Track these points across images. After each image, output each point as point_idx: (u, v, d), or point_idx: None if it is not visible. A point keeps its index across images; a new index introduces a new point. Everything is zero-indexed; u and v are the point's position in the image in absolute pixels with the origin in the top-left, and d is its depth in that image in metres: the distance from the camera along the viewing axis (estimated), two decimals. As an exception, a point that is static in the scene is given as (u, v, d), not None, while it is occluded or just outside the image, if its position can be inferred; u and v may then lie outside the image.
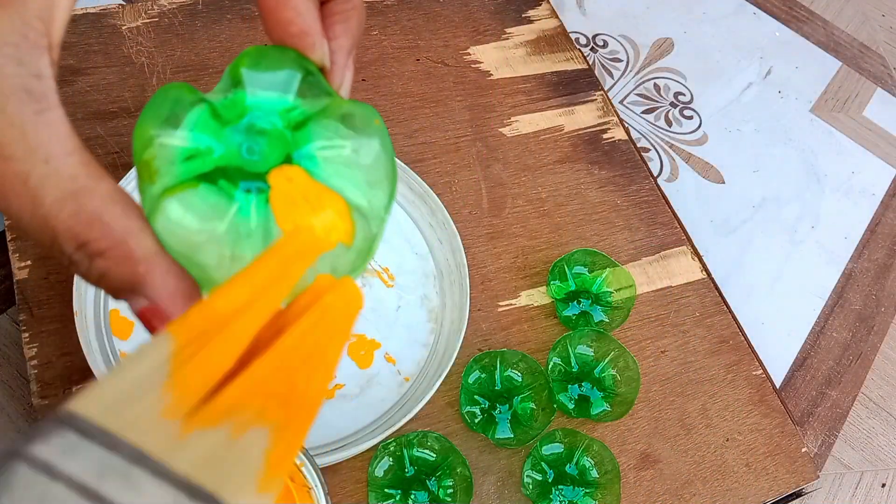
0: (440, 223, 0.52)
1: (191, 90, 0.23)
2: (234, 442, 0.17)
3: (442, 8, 0.66)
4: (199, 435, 0.17)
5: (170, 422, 0.17)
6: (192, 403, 0.17)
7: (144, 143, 0.22)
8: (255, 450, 0.17)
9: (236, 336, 0.19)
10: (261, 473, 0.17)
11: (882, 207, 0.72)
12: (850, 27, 0.86)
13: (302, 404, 0.19)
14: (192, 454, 0.16)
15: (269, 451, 0.18)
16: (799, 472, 0.51)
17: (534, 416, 0.47)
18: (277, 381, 0.19)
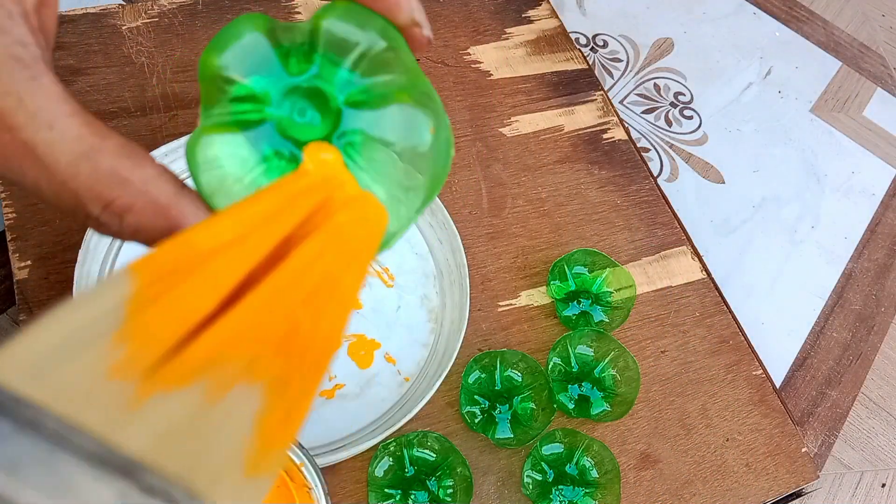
0: (440, 223, 0.52)
1: (267, 23, 0.22)
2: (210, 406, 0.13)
3: (442, 8, 0.66)
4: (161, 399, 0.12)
5: (120, 384, 0.12)
6: (154, 358, 0.13)
7: (209, 69, 0.22)
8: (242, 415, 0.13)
9: (218, 274, 0.14)
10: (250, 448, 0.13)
11: (882, 207, 0.72)
12: (850, 27, 0.86)
13: (308, 350, 0.15)
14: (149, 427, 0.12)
15: (261, 414, 0.13)
16: (799, 472, 0.51)
17: (534, 416, 0.47)
18: (273, 322, 0.14)
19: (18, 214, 0.48)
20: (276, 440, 0.13)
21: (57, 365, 0.12)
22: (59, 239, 0.48)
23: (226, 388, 0.13)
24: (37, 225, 0.48)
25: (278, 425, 0.13)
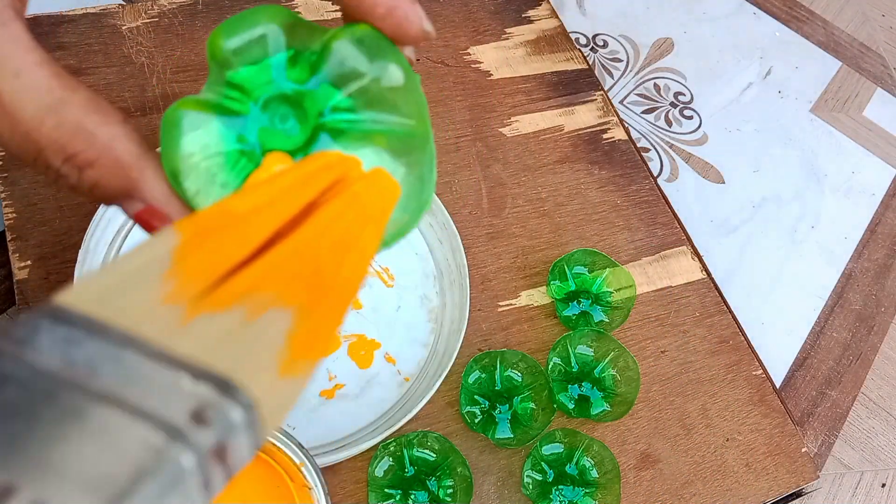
0: (440, 223, 0.52)
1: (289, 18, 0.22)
2: (248, 324, 0.15)
3: (442, 8, 0.66)
4: (206, 319, 0.15)
5: (171, 307, 0.15)
6: (199, 290, 0.15)
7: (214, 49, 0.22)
8: (275, 330, 0.16)
9: (252, 228, 0.17)
10: (283, 354, 0.15)
11: (882, 207, 0.72)
12: (850, 27, 0.86)
13: (331, 287, 0.17)
14: (196, 337, 0.15)
15: (291, 331, 0.16)
16: (799, 472, 0.51)
17: (534, 416, 0.47)
18: (301, 264, 0.17)
19: (18, 214, 0.48)
20: (304, 352, 0.16)
21: (117, 295, 0.15)
22: (59, 239, 0.48)
23: (261, 311, 0.16)
24: (37, 225, 0.48)
25: (306, 341, 0.16)
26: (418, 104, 0.23)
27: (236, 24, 0.21)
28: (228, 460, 0.14)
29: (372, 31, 0.22)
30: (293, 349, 0.16)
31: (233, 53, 0.21)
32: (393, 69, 0.22)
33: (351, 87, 0.22)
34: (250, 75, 0.22)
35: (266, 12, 0.22)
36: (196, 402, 0.14)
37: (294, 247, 0.17)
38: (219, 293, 0.15)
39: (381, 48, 0.22)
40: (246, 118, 0.22)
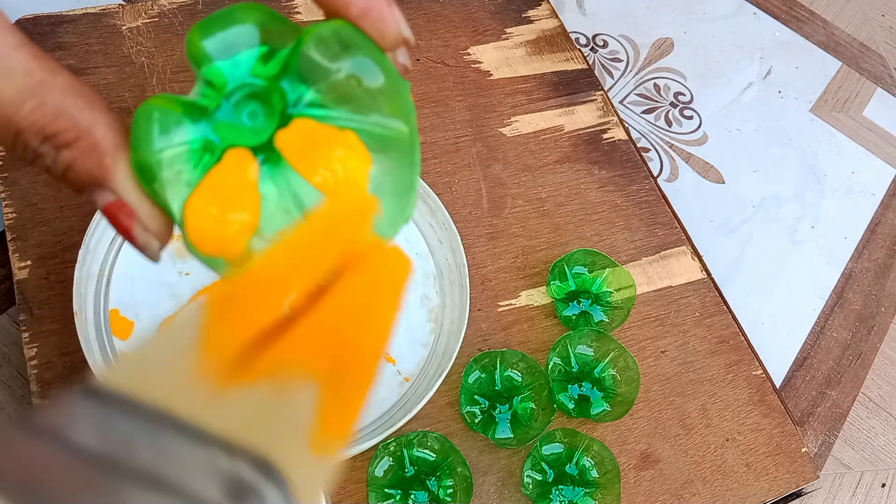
0: (440, 223, 0.52)
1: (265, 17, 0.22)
2: (278, 398, 0.16)
3: (442, 8, 0.66)
4: (237, 393, 0.15)
5: (203, 383, 0.15)
6: (229, 364, 0.16)
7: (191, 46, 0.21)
8: (304, 405, 0.16)
9: (276, 297, 0.17)
10: (313, 432, 0.16)
11: (882, 207, 0.72)
12: (850, 27, 0.86)
13: (354, 359, 0.18)
14: (229, 412, 0.15)
15: (320, 406, 0.16)
16: (799, 472, 0.51)
17: (534, 416, 0.47)
18: (324, 338, 0.17)
19: (18, 214, 0.48)
20: (334, 428, 0.16)
21: (150, 372, 0.15)
22: (59, 239, 0.48)
23: (289, 385, 0.16)
24: (37, 225, 0.48)
25: (334, 416, 0.16)
26: (403, 110, 0.22)
27: (213, 22, 0.21)
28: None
29: (348, 28, 0.22)
30: (323, 425, 0.16)
31: (208, 50, 0.21)
32: (368, 66, 0.22)
33: (321, 83, 0.22)
34: (223, 71, 0.22)
35: (243, 10, 0.22)
36: (232, 479, 0.14)
37: (318, 320, 0.17)
38: (247, 367, 0.16)
39: (357, 45, 0.22)
40: (215, 114, 0.22)
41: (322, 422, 0.16)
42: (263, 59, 0.22)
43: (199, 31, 0.21)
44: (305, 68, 0.22)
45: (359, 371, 0.18)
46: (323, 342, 0.17)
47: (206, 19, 0.22)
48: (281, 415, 0.16)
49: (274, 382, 0.16)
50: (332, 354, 0.17)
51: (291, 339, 0.17)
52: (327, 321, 0.18)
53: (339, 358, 0.17)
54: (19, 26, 0.54)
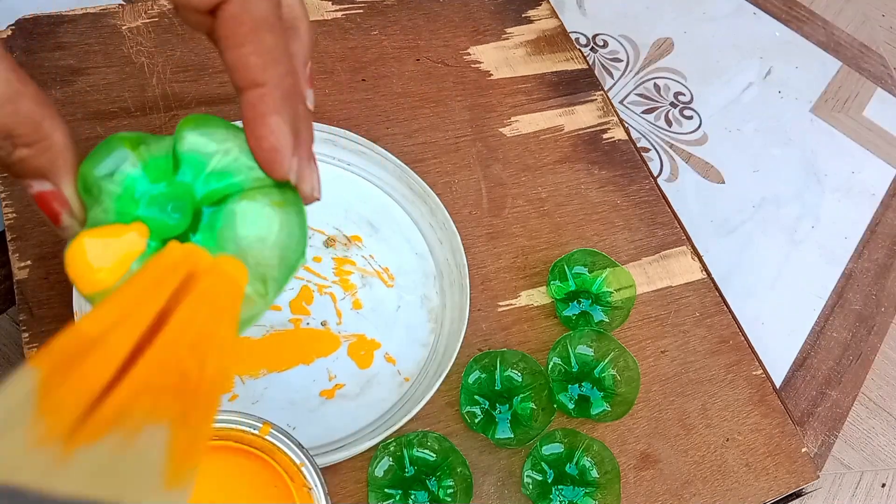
0: (440, 223, 0.52)
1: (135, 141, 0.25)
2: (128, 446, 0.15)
3: (442, 8, 0.66)
4: (84, 451, 0.15)
5: (45, 449, 0.14)
6: (71, 424, 0.15)
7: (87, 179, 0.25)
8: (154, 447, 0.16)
9: (110, 349, 0.17)
10: (166, 469, 0.16)
11: (882, 207, 0.72)
12: (850, 27, 0.86)
13: (198, 391, 0.18)
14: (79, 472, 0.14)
15: (170, 444, 0.16)
16: (799, 472, 0.51)
17: (534, 416, 0.47)
18: (165, 375, 0.17)
19: (18, 214, 0.48)
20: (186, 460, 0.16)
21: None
22: (59, 239, 0.48)
23: (137, 431, 0.16)
24: (37, 225, 0.48)
25: (185, 449, 0.16)
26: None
27: (97, 155, 0.25)
28: None
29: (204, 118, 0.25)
30: (174, 461, 0.16)
31: (103, 179, 0.24)
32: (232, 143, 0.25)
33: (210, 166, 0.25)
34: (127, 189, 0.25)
35: (116, 138, 0.25)
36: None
37: (156, 358, 0.17)
38: (91, 423, 0.15)
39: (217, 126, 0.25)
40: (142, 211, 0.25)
41: (174, 458, 0.16)
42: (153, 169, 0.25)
43: (88, 164, 0.25)
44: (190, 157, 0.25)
45: (205, 401, 0.18)
46: (164, 381, 0.17)
47: (91, 154, 0.25)
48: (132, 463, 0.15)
49: (121, 433, 0.15)
50: (175, 390, 0.17)
51: (132, 381, 0.17)
52: (166, 356, 0.18)
53: (183, 390, 0.17)
54: (19, 26, 0.55)
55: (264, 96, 0.24)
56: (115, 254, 0.24)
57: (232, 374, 0.22)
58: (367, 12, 0.63)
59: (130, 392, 0.16)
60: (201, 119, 0.25)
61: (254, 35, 0.23)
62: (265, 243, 0.25)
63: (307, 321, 0.48)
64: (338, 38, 0.61)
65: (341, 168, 0.54)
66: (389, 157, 0.52)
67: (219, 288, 0.22)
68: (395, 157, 0.53)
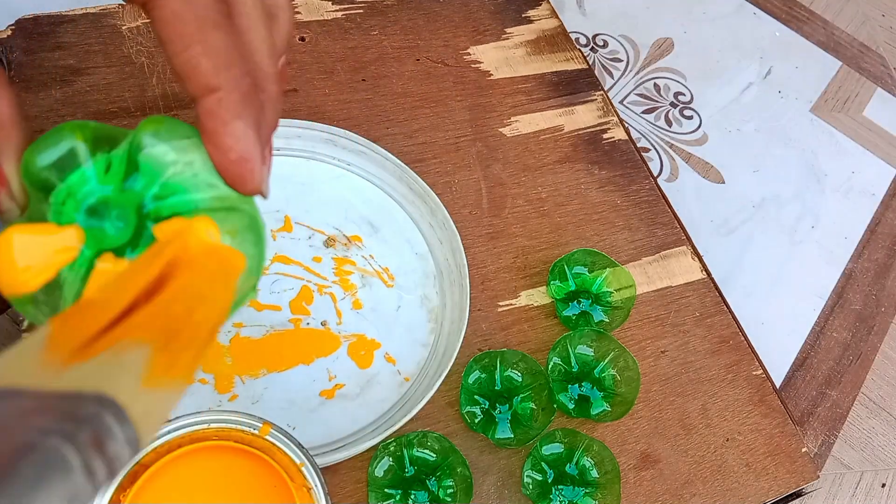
0: (440, 223, 0.52)
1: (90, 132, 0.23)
2: (113, 359, 0.18)
3: (442, 8, 0.66)
4: (78, 366, 0.17)
5: (49, 366, 0.17)
6: (70, 353, 0.18)
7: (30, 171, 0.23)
8: (136, 360, 0.18)
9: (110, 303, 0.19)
10: (144, 375, 0.18)
11: (882, 207, 0.72)
12: (850, 27, 0.86)
13: (184, 329, 0.20)
14: (70, 378, 0.17)
15: (151, 359, 0.18)
16: (799, 472, 0.51)
17: (534, 416, 0.47)
18: (156, 318, 0.19)
19: (18, 214, 0.48)
20: (164, 371, 0.18)
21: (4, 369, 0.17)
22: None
23: (123, 350, 0.18)
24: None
25: (165, 363, 0.18)
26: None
27: (44, 145, 0.23)
28: (107, 452, 0.16)
29: (167, 121, 0.23)
30: (153, 371, 0.18)
31: (47, 170, 0.22)
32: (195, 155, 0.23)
33: (164, 177, 0.23)
34: (71, 187, 0.23)
35: (67, 129, 0.23)
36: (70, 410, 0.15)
37: (150, 309, 0.19)
38: (87, 350, 0.18)
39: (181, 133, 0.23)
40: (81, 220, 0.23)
41: (152, 367, 0.18)
42: (104, 167, 0.23)
43: (32, 154, 0.23)
44: (145, 164, 0.23)
45: (188, 335, 0.20)
46: (154, 321, 0.19)
47: (36, 142, 0.23)
48: (114, 368, 0.17)
49: (109, 353, 0.18)
50: (162, 327, 0.19)
51: (125, 324, 0.19)
52: (159, 307, 0.20)
53: (169, 328, 0.19)
54: (19, 26, 0.55)
55: (222, 101, 0.22)
56: (44, 256, 0.22)
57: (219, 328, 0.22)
58: (367, 12, 0.63)
59: (123, 329, 0.19)
60: (167, 122, 0.23)
61: (200, 34, 0.21)
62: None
63: (307, 321, 0.48)
64: (338, 38, 0.61)
65: (341, 168, 0.54)
66: (389, 157, 0.52)
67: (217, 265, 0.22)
68: (395, 157, 0.53)
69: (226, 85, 0.22)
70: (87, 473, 0.15)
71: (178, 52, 0.21)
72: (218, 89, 0.22)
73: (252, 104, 0.22)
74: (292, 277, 0.49)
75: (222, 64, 0.21)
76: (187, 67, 0.21)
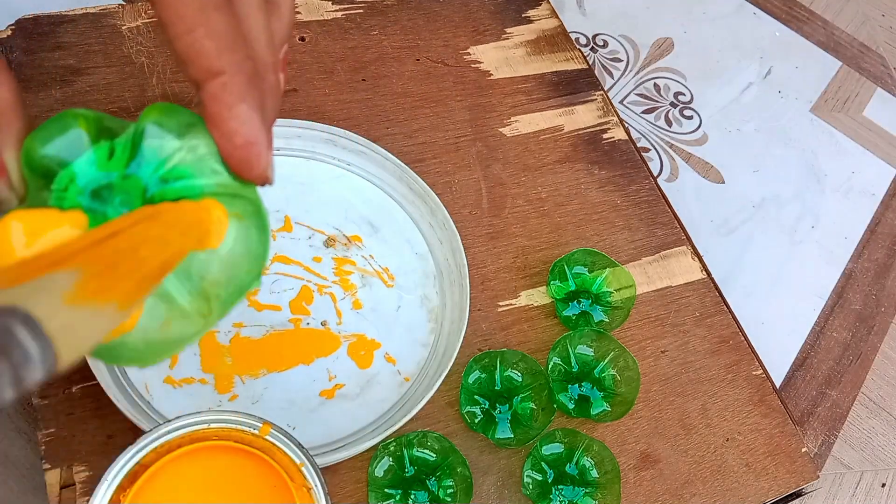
0: (440, 223, 0.52)
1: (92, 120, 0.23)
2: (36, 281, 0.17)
3: (442, 8, 0.66)
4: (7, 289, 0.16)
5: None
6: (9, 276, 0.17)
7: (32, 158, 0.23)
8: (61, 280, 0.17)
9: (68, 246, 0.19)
10: (68, 292, 0.17)
11: (882, 207, 0.72)
12: (850, 27, 0.86)
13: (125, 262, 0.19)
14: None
15: (79, 281, 0.17)
16: (799, 472, 0.51)
17: (534, 416, 0.47)
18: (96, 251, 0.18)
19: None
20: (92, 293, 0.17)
21: None
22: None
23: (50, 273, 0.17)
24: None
25: (93, 287, 0.17)
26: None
27: (46, 132, 0.22)
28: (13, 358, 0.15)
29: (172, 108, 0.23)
30: (78, 289, 0.17)
31: (49, 157, 0.22)
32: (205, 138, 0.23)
33: (170, 162, 0.23)
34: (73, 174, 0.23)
35: (69, 116, 0.23)
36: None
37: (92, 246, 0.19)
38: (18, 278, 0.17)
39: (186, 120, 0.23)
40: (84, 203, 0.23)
41: (79, 288, 0.17)
42: (107, 154, 0.23)
43: (34, 141, 0.22)
44: (150, 150, 0.23)
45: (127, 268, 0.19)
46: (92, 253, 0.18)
47: (38, 129, 0.23)
48: (34, 286, 0.16)
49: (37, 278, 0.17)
50: (99, 257, 0.18)
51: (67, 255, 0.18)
52: (101, 245, 0.19)
53: (107, 259, 0.18)
54: (19, 26, 0.55)
55: (226, 84, 0.21)
56: (43, 243, 0.21)
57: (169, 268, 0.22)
58: (367, 12, 0.63)
59: (58, 260, 0.18)
60: (171, 109, 0.23)
61: (202, 16, 0.21)
62: (213, 256, 0.23)
63: (307, 321, 0.48)
64: (338, 38, 0.61)
65: (341, 168, 0.54)
66: (389, 157, 0.52)
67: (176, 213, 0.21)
68: (395, 157, 0.53)
69: (229, 68, 0.21)
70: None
71: (181, 34, 0.21)
72: (222, 73, 0.21)
73: (256, 88, 0.22)
74: (292, 277, 0.49)
75: (225, 46, 0.21)
76: (190, 51, 0.21)
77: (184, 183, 0.22)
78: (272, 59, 0.24)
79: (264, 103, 0.23)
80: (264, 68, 0.23)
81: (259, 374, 0.45)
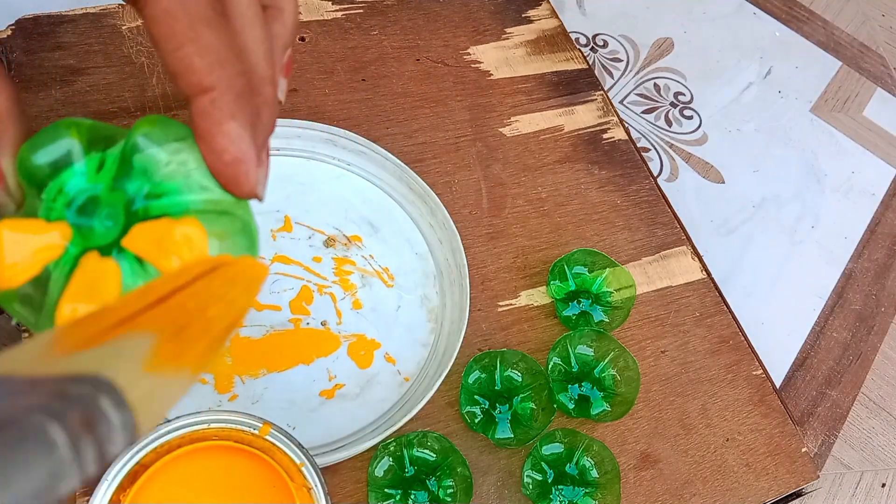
0: (440, 223, 0.52)
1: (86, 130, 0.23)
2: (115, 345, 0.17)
3: (442, 8, 0.66)
4: (79, 354, 0.16)
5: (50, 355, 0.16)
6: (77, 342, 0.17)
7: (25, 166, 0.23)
8: (139, 345, 0.17)
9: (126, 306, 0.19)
10: (146, 360, 0.17)
11: (882, 207, 0.72)
12: (850, 27, 0.86)
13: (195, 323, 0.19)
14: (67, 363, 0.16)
15: (156, 346, 0.17)
16: (799, 472, 0.51)
17: (534, 416, 0.47)
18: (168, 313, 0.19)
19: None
20: (169, 358, 0.17)
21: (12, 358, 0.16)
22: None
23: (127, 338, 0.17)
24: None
25: (170, 351, 0.17)
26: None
27: (39, 141, 0.23)
28: (98, 432, 0.15)
29: (163, 121, 0.23)
30: (157, 355, 0.17)
31: (41, 167, 0.23)
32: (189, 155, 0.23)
33: (154, 174, 0.23)
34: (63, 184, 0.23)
35: (63, 126, 0.23)
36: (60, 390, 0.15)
37: (162, 306, 0.19)
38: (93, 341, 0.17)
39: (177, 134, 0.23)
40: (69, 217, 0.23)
41: (157, 353, 0.17)
42: (97, 165, 0.23)
43: (28, 150, 0.23)
44: (137, 165, 0.23)
45: (198, 328, 0.19)
46: (165, 315, 0.18)
47: (33, 139, 0.23)
48: (114, 352, 0.16)
49: (114, 341, 0.17)
50: (172, 320, 0.18)
51: (136, 319, 0.18)
52: (171, 305, 0.19)
53: (179, 321, 0.18)
54: (19, 26, 0.55)
55: (215, 101, 0.21)
56: (31, 251, 0.22)
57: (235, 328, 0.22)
58: (367, 12, 0.63)
59: (131, 323, 0.18)
60: (162, 123, 0.23)
61: (192, 32, 0.21)
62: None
63: (307, 321, 0.48)
64: (338, 38, 0.61)
65: (341, 168, 0.54)
66: (389, 157, 0.52)
67: (237, 271, 0.22)
68: (395, 157, 0.53)
69: (219, 84, 0.21)
70: (74, 452, 0.14)
71: (171, 50, 0.21)
72: (211, 89, 0.21)
73: (247, 105, 0.22)
74: (292, 277, 0.49)
75: (215, 62, 0.21)
76: (180, 66, 0.21)
77: (170, 199, 0.23)
78: (269, 71, 0.24)
79: (258, 118, 0.23)
80: (260, 81, 0.23)
81: (259, 374, 0.45)
